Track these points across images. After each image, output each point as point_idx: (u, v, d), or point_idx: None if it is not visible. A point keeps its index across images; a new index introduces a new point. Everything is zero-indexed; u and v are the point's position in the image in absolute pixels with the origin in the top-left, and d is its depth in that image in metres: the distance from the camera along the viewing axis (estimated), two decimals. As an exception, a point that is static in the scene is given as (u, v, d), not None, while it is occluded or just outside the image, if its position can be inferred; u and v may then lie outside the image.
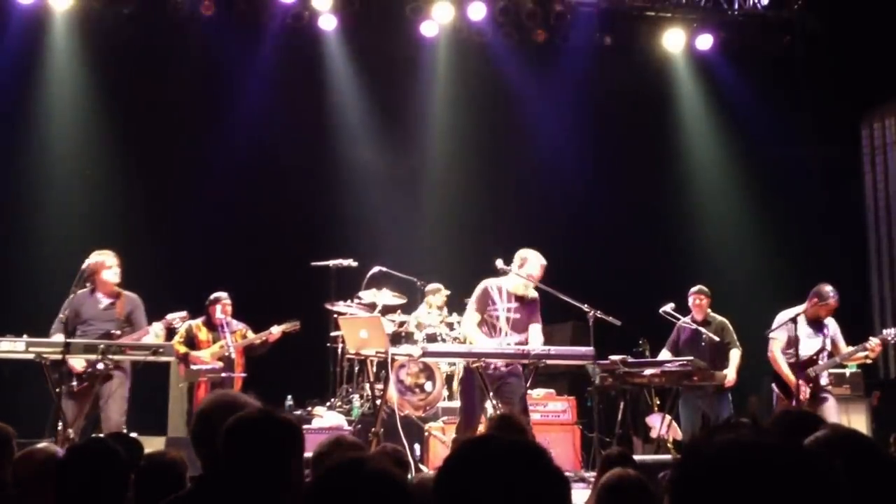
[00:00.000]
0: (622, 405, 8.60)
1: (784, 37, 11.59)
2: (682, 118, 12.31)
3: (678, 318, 8.77)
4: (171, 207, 10.84)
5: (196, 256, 10.28)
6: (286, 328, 8.76)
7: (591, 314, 7.27)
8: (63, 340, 6.94)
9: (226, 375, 8.44)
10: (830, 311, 8.08)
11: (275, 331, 8.73)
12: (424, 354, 7.54)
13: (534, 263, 7.19)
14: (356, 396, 9.22)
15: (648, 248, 11.58)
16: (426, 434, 8.40)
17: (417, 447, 8.18)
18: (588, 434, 8.70)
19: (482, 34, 11.40)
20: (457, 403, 7.77)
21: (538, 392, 8.82)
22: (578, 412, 9.02)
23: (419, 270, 9.73)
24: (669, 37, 11.68)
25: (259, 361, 8.80)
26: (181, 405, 8.97)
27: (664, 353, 8.82)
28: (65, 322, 7.19)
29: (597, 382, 8.36)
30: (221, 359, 8.55)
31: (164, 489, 3.23)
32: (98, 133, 10.88)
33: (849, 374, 9.14)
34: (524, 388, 7.10)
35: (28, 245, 10.37)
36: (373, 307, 9.03)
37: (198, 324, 8.63)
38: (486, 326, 7.17)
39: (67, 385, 7.16)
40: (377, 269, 9.31)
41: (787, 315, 8.05)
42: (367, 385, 8.85)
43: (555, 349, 7.25)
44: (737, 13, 11.64)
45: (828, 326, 8.11)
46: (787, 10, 11.58)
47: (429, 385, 8.97)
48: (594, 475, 6.73)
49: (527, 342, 7.10)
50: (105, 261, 7.65)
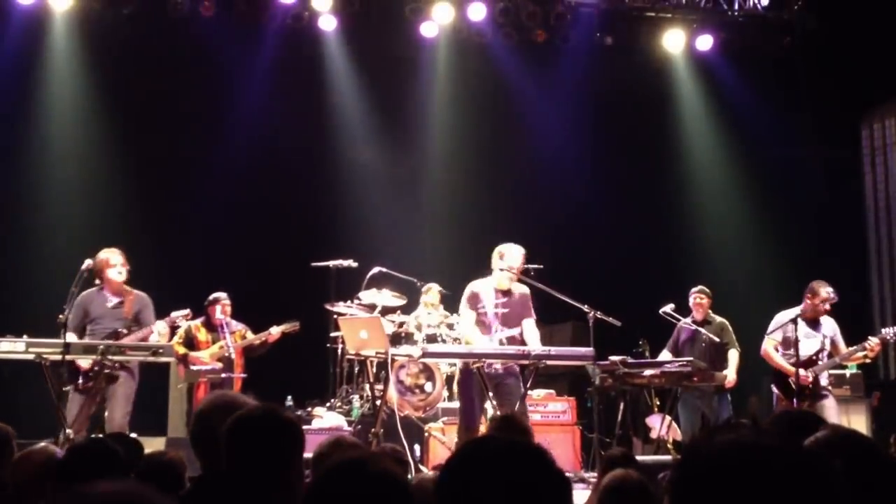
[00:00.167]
0: (622, 406, 8.61)
1: (784, 37, 11.57)
2: (683, 119, 12.30)
3: (678, 319, 8.77)
4: (171, 208, 10.84)
5: (196, 256, 10.29)
6: (286, 329, 8.74)
7: (591, 315, 7.27)
8: (63, 341, 6.91)
9: (225, 376, 8.43)
10: (827, 306, 8.04)
11: (274, 331, 8.71)
12: (424, 355, 7.56)
13: (513, 254, 7.20)
14: (356, 397, 9.21)
15: (648, 249, 11.58)
16: (426, 435, 8.40)
17: (417, 448, 8.19)
18: (588, 435, 8.70)
19: (482, 35, 11.39)
20: (457, 404, 7.77)
21: (538, 393, 8.82)
22: (578, 413, 9.03)
23: (419, 271, 9.71)
24: (669, 37, 11.67)
25: (259, 362, 8.78)
26: (181, 406, 8.96)
27: (664, 354, 8.83)
28: (69, 321, 7.12)
29: (597, 383, 8.35)
30: (221, 359, 8.53)
31: (164, 489, 3.21)
32: (98, 133, 10.88)
33: (849, 375, 9.14)
34: (522, 390, 7.08)
35: (28, 245, 10.37)
36: (373, 308, 9.03)
37: (197, 324, 8.61)
38: (479, 325, 7.17)
39: (74, 382, 7.18)
40: (377, 270, 9.30)
41: (786, 316, 8.04)
42: (367, 385, 8.85)
43: (555, 350, 7.26)
44: (737, 14, 11.63)
45: (826, 326, 8.11)
46: (787, 11, 11.57)
47: (429, 386, 8.96)
48: (594, 476, 6.75)
49: (520, 336, 7.10)
50: (109, 259, 7.60)
